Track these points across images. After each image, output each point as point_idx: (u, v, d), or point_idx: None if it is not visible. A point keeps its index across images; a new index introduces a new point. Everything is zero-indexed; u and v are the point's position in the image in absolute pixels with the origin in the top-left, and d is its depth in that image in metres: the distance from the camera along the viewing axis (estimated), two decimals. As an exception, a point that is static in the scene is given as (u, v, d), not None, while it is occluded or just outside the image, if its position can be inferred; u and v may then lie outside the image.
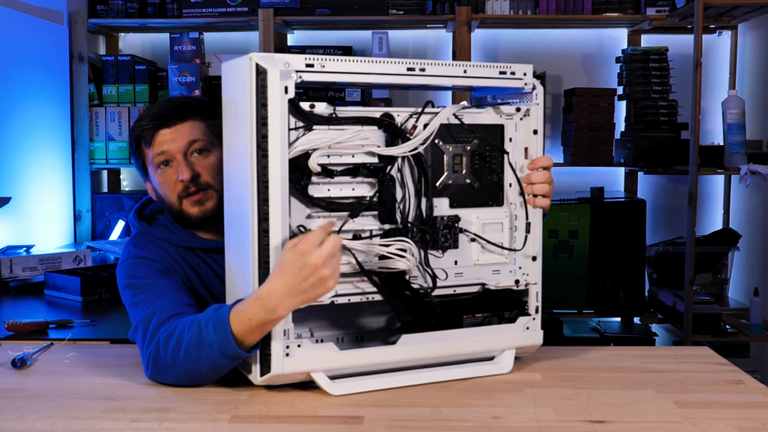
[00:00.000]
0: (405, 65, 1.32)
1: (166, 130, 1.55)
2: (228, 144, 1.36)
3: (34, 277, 2.47)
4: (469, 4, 3.24)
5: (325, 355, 1.29)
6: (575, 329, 3.32)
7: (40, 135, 3.09)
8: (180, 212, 1.57)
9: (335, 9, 3.29)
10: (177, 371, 1.32)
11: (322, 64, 1.27)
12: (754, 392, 1.32)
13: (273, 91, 1.23)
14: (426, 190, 1.36)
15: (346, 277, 1.31)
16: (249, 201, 1.25)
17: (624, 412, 1.21)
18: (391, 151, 1.32)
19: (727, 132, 2.93)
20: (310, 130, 1.27)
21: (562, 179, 3.48)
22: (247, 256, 1.26)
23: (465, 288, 1.42)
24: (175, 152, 1.55)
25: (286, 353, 1.26)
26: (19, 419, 1.19)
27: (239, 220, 1.30)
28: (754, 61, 3.36)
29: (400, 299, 1.33)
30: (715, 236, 3.31)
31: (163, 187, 1.57)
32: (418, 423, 1.18)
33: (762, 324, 2.98)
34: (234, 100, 1.31)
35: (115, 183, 3.61)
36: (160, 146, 1.55)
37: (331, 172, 1.30)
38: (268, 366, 1.26)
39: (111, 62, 3.37)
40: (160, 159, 1.56)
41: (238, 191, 1.30)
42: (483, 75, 1.39)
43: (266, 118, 1.23)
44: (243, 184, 1.27)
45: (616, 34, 3.54)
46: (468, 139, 1.41)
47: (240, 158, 1.28)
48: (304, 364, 1.28)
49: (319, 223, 1.28)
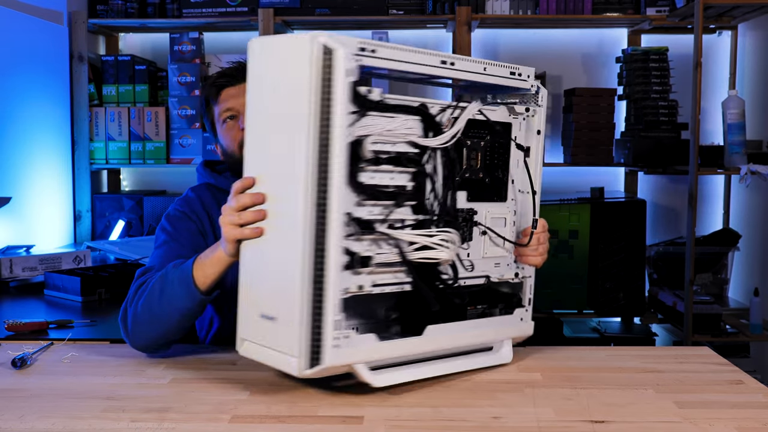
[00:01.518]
0: (439, 58, 1.31)
1: (231, 88, 1.69)
2: (264, 124, 1.28)
3: (34, 277, 2.47)
4: (469, 4, 3.24)
5: (368, 346, 1.26)
6: (575, 329, 3.32)
7: (40, 135, 3.09)
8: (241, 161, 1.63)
9: (335, 9, 3.29)
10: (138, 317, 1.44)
11: (372, 49, 1.22)
12: (754, 392, 1.32)
13: (338, 72, 1.17)
14: (454, 183, 1.36)
15: (386, 267, 1.28)
16: (301, 186, 1.18)
17: (624, 412, 1.21)
18: (430, 142, 1.31)
19: (727, 132, 2.93)
20: (363, 116, 1.23)
21: (562, 179, 3.48)
22: (295, 245, 1.20)
23: (473, 280, 1.42)
24: (239, 107, 1.67)
25: (335, 345, 1.21)
26: (19, 419, 1.19)
27: (281, 205, 1.24)
28: (754, 61, 3.36)
29: (432, 290, 1.34)
30: (715, 236, 3.32)
31: (227, 139, 1.70)
32: (418, 423, 1.18)
33: (762, 324, 2.98)
34: (280, 81, 1.23)
35: (115, 183, 3.61)
36: (225, 102, 1.69)
37: (378, 159, 1.27)
38: (317, 358, 1.21)
39: (111, 62, 3.37)
40: (226, 114, 1.69)
41: (279, 174, 1.24)
42: (498, 74, 1.38)
43: (329, 100, 1.18)
44: (290, 169, 1.21)
45: (616, 34, 3.54)
46: (482, 135, 1.41)
47: (288, 141, 1.21)
48: (350, 356, 1.23)
49: (366, 211, 1.24)
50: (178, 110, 3.32)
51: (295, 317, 1.20)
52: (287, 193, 1.22)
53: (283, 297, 1.22)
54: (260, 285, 1.27)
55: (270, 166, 1.27)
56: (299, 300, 1.19)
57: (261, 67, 1.28)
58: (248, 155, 1.31)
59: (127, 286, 1.57)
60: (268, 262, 1.26)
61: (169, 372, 1.41)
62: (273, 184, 1.26)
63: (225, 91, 1.70)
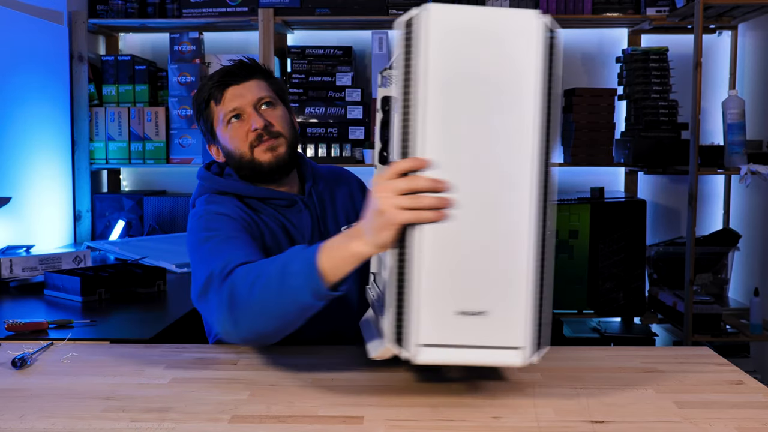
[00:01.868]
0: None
1: (235, 86, 1.63)
2: (452, 105, 1.12)
3: (34, 277, 2.47)
4: (469, 4, 3.24)
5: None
6: (575, 329, 3.32)
7: (40, 135, 3.09)
8: (252, 161, 1.62)
9: (335, 9, 3.29)
10: (253, 308, 1.26)
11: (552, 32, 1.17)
12: (754, 392, 1.32)
13: (558, 52, 1.11)
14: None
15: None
16: (527, 169, 1.11)
17: (624, 412, 1.21)
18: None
19: (727, 132, 2.93)
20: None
21: (562, 179, 3.48)
22: (521, 232, 1.12)
23: None
24: (245, 106, 1.62)
25: (546, 323, 1.16)
26: (19, 419, 1.19)
27: (492, 189, 1.12)
28: (754, 61, 3.36)
29: None
30: (715, 236, 3.32)
31: (234, 140, 1.63)
32: (418, 423, 1.18)
33: (762, 324, 2.98)
34: (484, 59, 1.12)
35: (115, 183, 3.61)
36: (231, 102, 1.62)
37: None
38: (539, 343, 1.16)
39: (111, 62, 3.37)
40: (231, 114, 1.62)
41: (489, 157, 1.12)
42: None
43: (551, 81, 1.11)
44: (510, 151, 1.11)
45: (616, 34, 3.54)
46: None
47: (505, 122, 1.12)
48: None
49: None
50: (178, 110, 3.32)
51: (521, 307, 1.14)
52: (505, 177, 1.12)
53: (501, 289, 1.14)
54: (460, 279, 1.13)
55: (468, 148, 1.12)
56: (525, 288, 1.13)
57: (447, 42, 1.11)
58: (424, 139, 1.11)
59: (127, 286, 1.56)
60: (476, 252, 1.13)
61: (169, 372, 1.41)
62: (473, 169, 1.13)
63: (230, 90, 1.63)
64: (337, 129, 3.34)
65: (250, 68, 1.66)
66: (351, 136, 3.34)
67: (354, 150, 3.32)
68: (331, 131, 3.34)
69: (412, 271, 1.11)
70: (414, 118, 1.11)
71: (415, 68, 1.10)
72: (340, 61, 3.38)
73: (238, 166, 1.65)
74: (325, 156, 3.30)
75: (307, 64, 3.38)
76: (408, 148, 1.11)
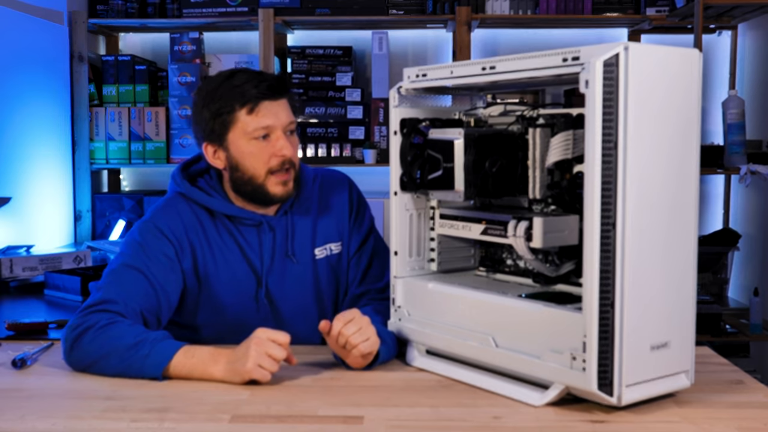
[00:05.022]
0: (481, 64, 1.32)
1: (271, 102, 1.52)
2: (643, 139, 1.16)
3: (34, 277, 2.47)
4: (469, 4, 3.24)
5: None
6: (575, 329, 3.31)
7: (40, 135, 3.09)
8: (262, 187, 1.54)
9: (335, 9, 3.29)
10: (88, 360, 1.39)
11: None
12: (754, 392, 1.32)
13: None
14: None
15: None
16: (692, 217, 1.23)
17: (624, 412, 1.21)
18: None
19: (727, 132, 2.93)
20: None
21: (562, 179, 3.47)
22: (688, 259, 1.23)
23: None
24: (278, 126, 1.52)
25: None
26: (19, 419, 1.19)
27: (668, 223, 1.21)
28: (754, 61, 3.36)
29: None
30: (715, 236, 3.31)
31: (254, 158, 1.52)
32: (418, 423, 1.18)
33: (762, 324, 2.98)
34: (662, 92, 1.18)
35: (115, 183, 3.61)
36: (265, 118, 1.51)
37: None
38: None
39: (111, 62, 3.37)
40: (263, 131, 1.51)
41: (677, 212, 1.22)
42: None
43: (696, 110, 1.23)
44: (685, 202, 1.22)
45: (616, 34, 3.54)
46: None
47: (677, 155, 1.20)
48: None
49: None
50: (179, 110, 3.32)
51: (689, 330, 1.25)
52: (678, 210, 1.22)
53: (678, 317, 1.23)
54: (649, 317, 1.19)
55: (662, 189, 1.20)
56: (692, 312, 1.25)
57: (643, 77, 1.15)
58: (625, 182, 1.14)
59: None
60: (656, 289, 1.20)
61: (169, 372, 1.41)
62: (663, 207, 1.20)
63: (266, 104, 1.51)
64: (337, 129, 3.34)
65: (285, 84, 1.56)
66: (351, 136, 3.34)
67: (354, 150, 3.32)
68: (331, 131, 3.34)
69: (615, 314, 1.16)
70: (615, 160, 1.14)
71: (617, 111, 1.14)
72: (340, 61, 3.38)
73: (241, 182, 1.55)
74: (325, 156, 3.30)
75: (307, 64, 3.38)
76: (609, 191, 1.14)
